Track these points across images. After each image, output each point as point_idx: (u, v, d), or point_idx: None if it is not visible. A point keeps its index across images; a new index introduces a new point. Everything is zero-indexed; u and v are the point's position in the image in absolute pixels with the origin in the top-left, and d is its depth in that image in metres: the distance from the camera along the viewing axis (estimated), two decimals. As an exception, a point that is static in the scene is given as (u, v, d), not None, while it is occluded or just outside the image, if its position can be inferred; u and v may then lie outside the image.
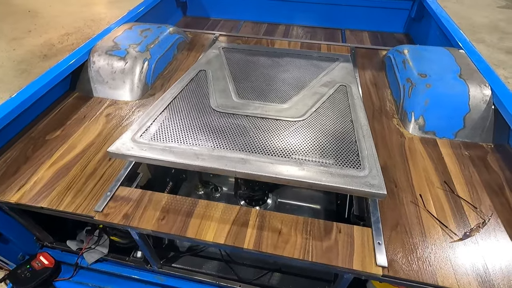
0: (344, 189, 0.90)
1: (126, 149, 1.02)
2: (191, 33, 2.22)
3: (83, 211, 1.04)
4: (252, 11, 2.84)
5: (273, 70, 1.55)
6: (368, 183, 0.90)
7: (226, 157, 1.00)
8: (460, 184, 1.15)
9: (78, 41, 4.59)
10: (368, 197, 0.98)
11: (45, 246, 1.44)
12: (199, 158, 0.99)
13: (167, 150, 1.02)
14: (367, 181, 0.91)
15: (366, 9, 2.64)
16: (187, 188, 1.64)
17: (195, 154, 1.01)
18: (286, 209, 1.54)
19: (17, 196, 1.09)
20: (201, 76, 1.47)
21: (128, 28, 1.84)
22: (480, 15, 5.43)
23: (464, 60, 1.56)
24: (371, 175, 0.93)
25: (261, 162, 0.98)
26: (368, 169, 0.95)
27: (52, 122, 1.42)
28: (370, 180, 0.91)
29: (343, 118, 1.22)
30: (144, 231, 1.02)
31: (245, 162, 0.98)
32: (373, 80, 1.75)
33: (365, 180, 0.91)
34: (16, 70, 3.96)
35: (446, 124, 1.36)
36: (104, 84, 1.58)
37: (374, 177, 0.92)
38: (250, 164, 0.97)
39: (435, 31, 2.13)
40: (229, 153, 1.02)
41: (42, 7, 5.81)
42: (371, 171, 0.94)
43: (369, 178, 0.92)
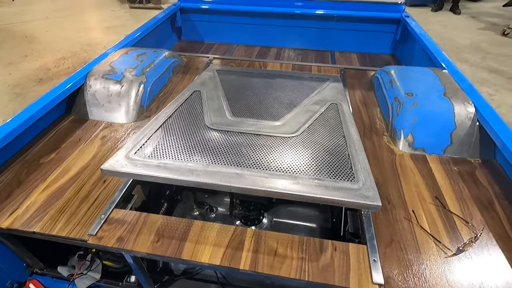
0: (339, 201, 0.91)
1: (120, 166, 1.02)
2: (186, 56, 2.29)
3: (76, 235, 1.03)
4: (244, 35, 2.96)
5: (266, 90, 1.60)
6: (362, 195, 0.91)
7: (221, 172, 1.01)
8: (451, 199, 1.17)
9: (74, 65, 4.66)
10: (363, 209, 0.99)
11: (35, 273, 1.40)
12: (193, 174, 0.99)
13: (162, 167, 1.02)
14: (361, 193, 0.92)
15: (354, 32, 2.77)
16: (182, 209, 1.63)
17: (190, 170, 1.01)
18: (281, 228, 1.53)
19: (9, 221, 1.07)
20: (195, 96, 1.51)
21: (124, 53, 1.89)
22: (463, 37, 5.71)
23: (447, 79, 1.64)
24: (365, 187, 0.94)
25: (256, 177, 0.99)
26: (362, 182, 0.97)
27: (47, 145, 1.42)
28: (365, 192, 0.92)
29: (335, 133, 1.25)
30: (139, 254, 1.00)
31: (240, 177, 0.99)
32: (362, 99, 1.81)
33: (360, 192, 0.93)
34: (10, 94, 3.98)
35: (434, 141, 1.41)
36: (100, 107, 1.60)
37: (368, 189, 0.94)
38: (245, 179, 0.98)
39: (419, 52, 2.24)
40: (224, 168, 1.03)
41: (39, 33, 5.93)
42: (365, 183, 0.96)
43: (363, 190, 0.93)
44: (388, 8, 2.61)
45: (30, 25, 6.37)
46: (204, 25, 2.98)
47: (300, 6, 2.72)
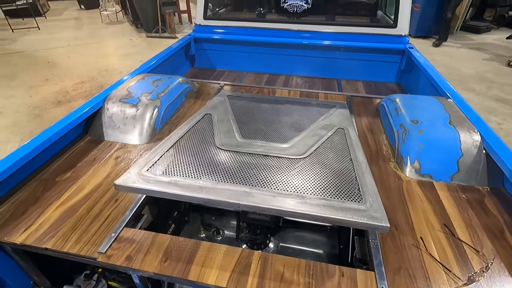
0: (347, 221, 0.92)
1: (132, 181, 1.06)
2: (198, 82, 2.41)
3: (86, 253, 1.05)
4: (254, 63, 3.10)
5: (274, 115, 1.66)
6: (370, 216, 0.92)
7: (230, 190, 1.03)
8: (460, 227, 1.16)
9: (91, 88, 4.89)
10: (371, 229, 0.98)
11: (41, 292, 1.40)
12: (203, 191, 1.02)
13: (173, 183, 1.06)
14: (369, 214, 0.93)
15: (360, 62, 2.88)
16: (189, 231, 1.64)
17: (200, 187, 1.04)
18: (288, 253, 1.50)
19: (23, 237, 1.10)
20: (206, 119, 1.58)
21: (141, 79, 2.01)
22: (468, 67, 5.82)
23: (452, 108, 1.67)
24: (373, 209, 0.95)
25: (264, 195, 1.01)
26: (370, 203, 0.98)
27: (63, 164, 1.48)
28: (373, 213, 0.93)
29: (342, 156, 1.28)
30: (146, 273, 1.01)
31: (249, 195, 1.01)
32: (369, 126, 1.85)
33: (367, 213, 0.93)
34: (29, 115, 4.17)
35: (441, 168, 1.42)
36: (116, 129, 1.68)
37: (376, 210, 0.94)
38: (253, 197, 1.00)
39: (424, 81, 2.30)
40: (233, 186, 1.06)
41: (61, 59, 6.31)
42: (373, 204, 0.97)
43: (371, 211, 0.94)
44: (392, 40, 2.72)
45: (53, 51, 6.79)
46: (216, 53, 3.14)
47: (308, 37, 2.86)
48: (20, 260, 1.24)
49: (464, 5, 7.42)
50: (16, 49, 6.93)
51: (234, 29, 2.98)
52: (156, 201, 1.39)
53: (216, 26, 3.03)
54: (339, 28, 2.81)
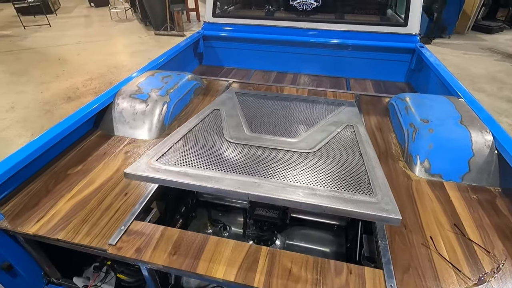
0: (358, 213, 0.90)
1: (141, 170, 1.07)
2: (206, 79, 2.42)
3: (97, 244, 1.06)
4: (262, 61, 3.10)
5: (282, 111, 1.66)
6: (382, 208, 0.91)
7: (239, 180, 1.03)
8: (470, 227, 1.15)
9: (100, 85, 4.95)
10: (382, 222, 0.97)
11: (51, 283, 1.43)
12: (212, 180, 1.02)
13: (182, 173, 1.07)
14: (380, 206, 0.92)
15: (369, 60, 2.85)
16: (196, 226, 1.65)
17: (209, 177, 1.05)
18: (294, 251, 1.50)
19: (35, 227, 1.13)
20: (215, 113, 1.58)
21: (151, 75, 2.03)
22: (478, 67, 5.72)
23: (463, 107, 1.65)
24: (384, 201, 0.94)
25: (274, 187, 1.00)
26: (381, 196, 0.96)
27: (74, 157, 1.51)
28: (384, 205, 0.92)
29: (352, 151, 1.27)
30: (155, 266, 1.02)
31: (258, 186, 1.01)
32: (377, 125, 1.83)
33: (379, 205, 0.92)
34: (40, 111, 4.24)
35: (451, 168, 1.40)
36: (125, 124, 1.70)
37: (387, 203, 0.93)
38: (262, 187, 0.99)
39: (434, 80, 2.27)
40: (242, 177, 1.06)
41: (71, 56, 6.40)
42: (384, 197, 0.96)
43: (382, 204, 0.93)
44: (403, 39, 2.69)
45: (64, 48, 6.89)
46: (224, 51, 3.15)
47: (316, 35, 2.85)
48: (32, 251, 1.27)
49: (475, 5, 7.29)
50: (27, 45, 7.05)
51: (242, 27, 2.99)
52: (164, 195, 1.40)
53: (225, 24, 3.03)
54: (348, 26, 2.79)
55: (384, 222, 0.96)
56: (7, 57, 6.29)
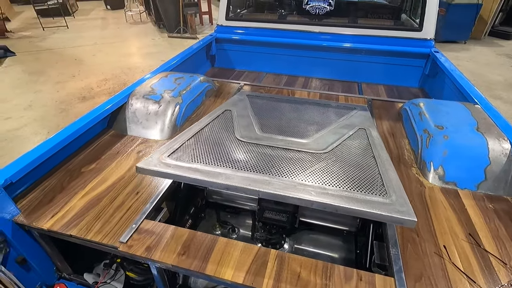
0: (371, 214, 0.88)
1: (153, 165, 1.09)
2: (218, 82, 2.44)
3: (108, 241, 1.08)
4: (273, 64, 3.10)
5: (294, 114, 1.66)
6: (396, 209, 0.88)
7: (250, 178, 1.03)
8: (486, 237, 1.11)
9: (114, 85, 5.06)
10: (397, 223, 0.93)
11: (63, 278, 1.46)
12: (223, 177, 1.02)
13: (192, 169, 1.08)
14: (394, 207, 0.89)
15: (382, 65, 2.82)
16: (205, 227, 1.66)
17: (219, 173, 1.05)
18: (303, 255, 1.50)
19: (50, 223, 1.15)
20: (226, 114, 1.59)
21: (164, 76, 2.06)
22: (495, 73, 5.58)
23: (480, 114, 1.61)
24: (399, 203, 0.91)
25: (284, 185, 0.99)
26: (395, 197, 0.94)
27: (88, 156, 1.54)
28: (398, 207, 0.89)
29: (365, 154, 1.25)
30: (164, 265, 1.03)
31: (269, 183, 0.99)
32: (390, 130, 1.81)
33: (393, 207, 0.90)
34: (56, 109, 4.36)
35: (467, 176, 1.36)
36: (138, 124, 1.73)
37: (402, 205, 0.91)
38: (273, 185, 0.98)
39: (449, 86, 2.22)
40: (253, 175, 1.05)
41: (87, 57, 6.57)
42: (398, 199, 0.93)
43: (396, 205, 0.90)
44: (417, 44, 2.65)
45: (80, 49, 7.08)
46: (236, 54, 3.17)
47: (328, 39, 2.84)
48: (46, 246, 1.30)
49: (492, 10, 7.13)
50: (46, 46, 7.28)
51: (255, 30, 3.00)
52: (174, 195, 1.42)
53: (238, 26, 3.06)
54: (362, 30, 2.77)
55: (399, 224, 0.93)
56: (27, 57, 6.51)
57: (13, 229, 1.17)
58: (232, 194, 1.51)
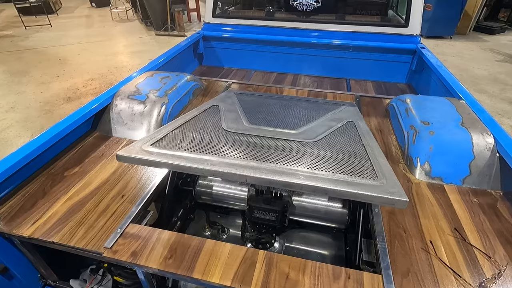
0: (362, 195, 0.87)
1: (135, 152, 1.03)
2: (206, 80, 2.41)
3: (92, 247, 1.05)
4: (262, 62, 3.09)
5: (282, 110, 1.64)
6: (387, 191, 0.87)
7: (236, 164, 0.99)
8: (471, 231, 1.13)
9: (101, 85, 4.95)
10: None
11: (48, 285, 1.42)
12: (208, 163, 0.98)
13: (176, 156, 1.03)
14: (386, 189, 0.88)
15: (370, 61, 2.83)
16: (194, 229, 1.64)
17: (205, 160, 1.00)
18: (293, 254, 1.50)
19: (31, 230, 1.12)
20: (214, 109, 1.55)
21: (149, 76, 2.02)
22: (480, 68, 5.69)
23: (464, 109, 1.63)
24: (389, 185, 0.90)
25: (274, 170, 0.96)
26: (385, 180, 0.93)
27: (72, 159, 1.50)
28: (389, 188, 0.89)
29: (354, 142, 1.23)
30: (151, 270, 1.01)
31: (257, 169, 0.96)
32: (378, 127, 1.82)
33: (384, 188, 0.89)
34: (40, 111, 4.24)
35: (452, 171, 1.38)
36: (123, 125, 1.69)
37: (392, 186, 0.90)
38: (261, 171, 0.95)
39: (435, 82, 2.25)
40: (240, 161, 1.02)
41: (72, 56, 6.40)
42: (388, 181, 0.92)
43: (387, 187, 0.89)
44: (403, 40, 2.68)
45: (64, 48, 6.89)
46: (224, 52, 3.14)
47: (316, 36, 2.83)
48: (28, 253, 1.26)
49: (477, 5, 7.26)
50: (29, 45, 7.06)
51: (242, 27, 2.98)
52: (162, 197, 1.39)
53: (225, 24, 3.02)
54: (349, 27, 2.78)
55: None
56: (8, 57, 6.30)
57: None
58: (221, 194, 1.49)
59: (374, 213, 1.18)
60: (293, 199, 1.39)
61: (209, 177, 1.52)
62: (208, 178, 1.52)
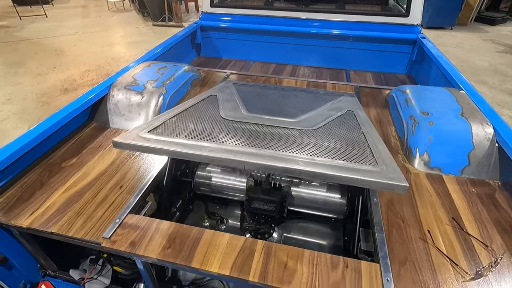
0: (362, 181, 0.86)
1: (131, 139, 1.03)
2: (204, 71, 2.38)
3: (91, 238, 1.05)
4: (260, 53, 3.05)
5: (281, 99, 1.62)
6: (387, 176, 0.87)
7: (235, 150, 0.99)
8: (469, 221, 1.14)
9: (98, 76, 4.90)
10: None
11: (48, 275, 1.43)
12: (207, 149, 0.97)
13: (174, 143, 1.02)
14: (385, 174, 0.88)
15: (369, 52, 2.80)
16: (193, 220, 1.64)
17: (203, 147, 1.00)
18: (292, 244, 1.49)
19: (29, 220, 1.11)
20: (212, 98, 1.54)
21: (147, 66, 1.99)
22: (481, 59, 5.66)
23: (464, 99, 1.62)
24: (389, 170, 0.90)
25: (272, 157, 0.96)
26: (385, 166, 0.92)
27: (69, 150, 1.49)
28: (389, 174, 0.88)
29: (354, 131, 1.23)
30: (150, 259, 1.01)
31: (255, 155, 0.96)
32: (377, 117, 1.81)
33: (384, 174, 0.88)
34: (37, 102, 4.20)
35: (451, 161, 1.38)
36: (121, 116, 1.68)
37: (392, 172, 0.89)
38: (260, 157, 0.94)
39: (435, 72, 2.23)
40: (238, 147, 1.01)
41: (68, 47, 6.31)
42: (388, 167, 0.92)
43: (387, 172, 0.89)
44: (404, 30, 2.64)
45: (61, 39, 6.80)
46: (222, 42, 3.10)
47: (316, 26, 2.79)
48: (27, 244, 1.26)
49: (479, -5, 7.17)
50: (24, 36, 6.96)
51: (241, 17, 2.93)
52: (160, 188, 1.39)
53: (223, 14, 2.97)
54: (349, 16, 2.73)
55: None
56: (4, 48, 6.21)
57: None
58: (220, 185, 1.49)
59: (373, 202, 1.18)
60: (291, 189, 1.39)
61: (208, 168, 1.52)
62: (207, 169, 1.52)
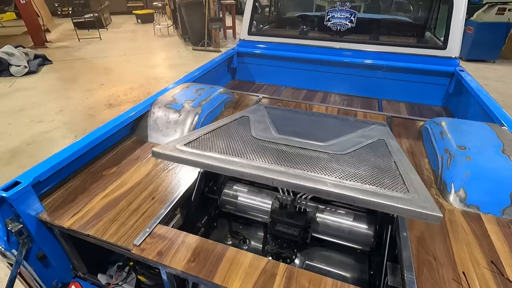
0: (392, 207, 0.83)
1: (169, 150, 1.10)
2: (237, 94, 2.50)
3: (123, 243, 1.12)
4: (292, 79, 3.14)
5: (311, 124, 1.64)
6: (419, 204, 0.83)
7: (264, 167, 1.01)
8: (510, 266, 1.05)
9: (139, 94, 5.29)
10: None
11: (78, 277, 1.51)
12: (237, 165, 1.02)
13: (207, 156, 1.08)
14: (417, 203, 0.84)
15: (403, 82, 2.77)
16: (217, 237, 1.67)
17: (234, 162, 1.04)
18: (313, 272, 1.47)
19: (70, 222, 1.21)
20: (244, 119, 1.60)
21: (185, 87, 2.14)
22: (527, 94, 5.31)
23: (506, 136, 1.54)
24: (421, 199, 0.86)
25: (301, 176, 0.96)
26: (417, 194, 0.89)
27: (110, 160, 1.62)
28: (421, 202, 0.85)
29: (385, 158, 1.20)
30: (174, 270, 1.05)
31: (284, 173, 0.97)
32: (409, 149, 1.76)
33: (415, 202, 0.85)
34: (84, 115, 4.61)
35: (490, 200, 1.30)
36: (159, 132, 1.80)
37: (425, 200, 0.86)
38: (289, 175, 0.96)
39: (474, 106, 2.15)
40: (268, 165, 1.04)
41: (116, 66, 6.94)
42: (420, 195, 0.88)
43: (419, 201, 0.86)
44: (441, 62, 2.60)
45: (110, 59, 7.49)
46: (256, 67, 3.25)
47: (349, 56, 2.84)
48: (65, 243, 1.36)
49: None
50: (80, 55, 7.78)
51: (275, 45, 3.07)
52: (188, 203, 1.44)
53: (259, 41, 3.14)
54: (383, 47, 2.75)
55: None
56: (62, 66, 6.97)
57: (37, 225, 1.24)
58: (245, 205, 1.51)
59: (402, 236, 1.14)
60: (317, 215, 1.38)
61: (235, 187, 1.56)
62: (234, 187, 1.56)
